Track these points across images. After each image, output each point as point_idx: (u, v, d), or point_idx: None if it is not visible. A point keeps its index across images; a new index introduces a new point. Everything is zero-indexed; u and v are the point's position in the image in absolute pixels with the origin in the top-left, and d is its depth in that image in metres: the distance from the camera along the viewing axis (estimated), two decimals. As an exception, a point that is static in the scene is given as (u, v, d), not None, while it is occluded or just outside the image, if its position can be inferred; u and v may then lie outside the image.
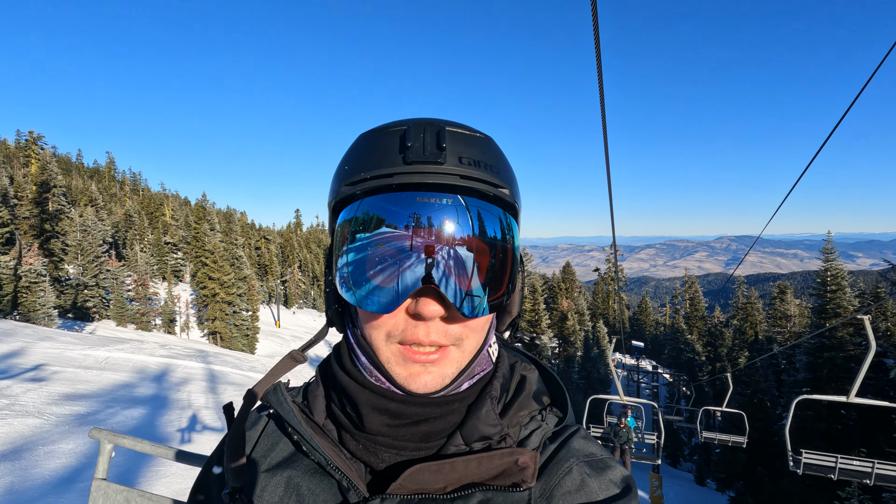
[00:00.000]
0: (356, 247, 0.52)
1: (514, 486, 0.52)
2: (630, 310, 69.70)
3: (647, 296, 70.63)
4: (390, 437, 0.57)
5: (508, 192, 0.55)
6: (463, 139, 0.54)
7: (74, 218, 34.22)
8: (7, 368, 12.31)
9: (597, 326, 46.97)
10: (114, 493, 1.65)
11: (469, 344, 0.55)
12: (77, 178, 70.57)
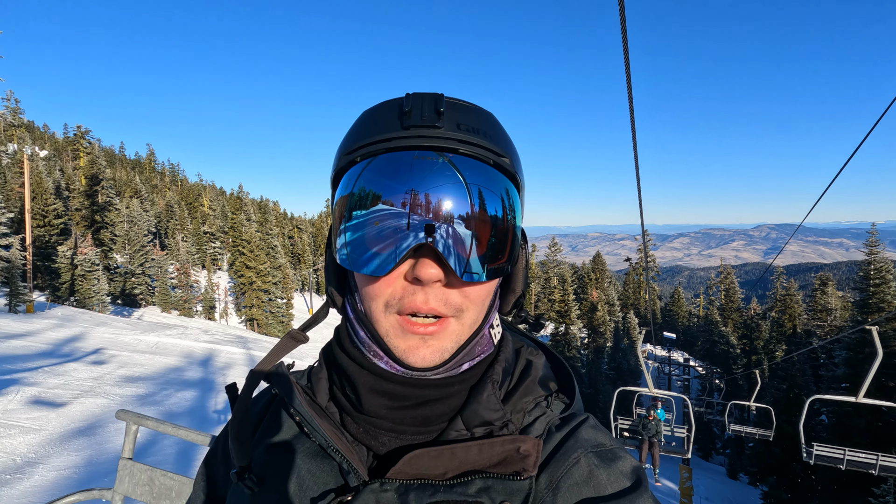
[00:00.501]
0: (354, 213, 0.52)
1: (515, 474, 0.52)
2: (662, 300, 68.29)
3: (680, 286, 69.09)
4: (390, 421, 0.57)
5: (509, 161, 0.55)
6: (462, 108, 0.54)
7: (121, 209, 36.05)
8: (71, 352, 13.37)
9: (627, 317, 46.46)
10: (138, 473, 1.70)
11: (468, 316, 0.54)
12: (120, 169, 73.84)
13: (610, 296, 47.78)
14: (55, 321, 17.85)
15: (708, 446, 33.33)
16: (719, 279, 52.97)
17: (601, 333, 38.02)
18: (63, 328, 16.68)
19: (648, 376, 11.96)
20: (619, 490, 0.52)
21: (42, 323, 16.99)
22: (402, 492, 0.51)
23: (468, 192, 0.50)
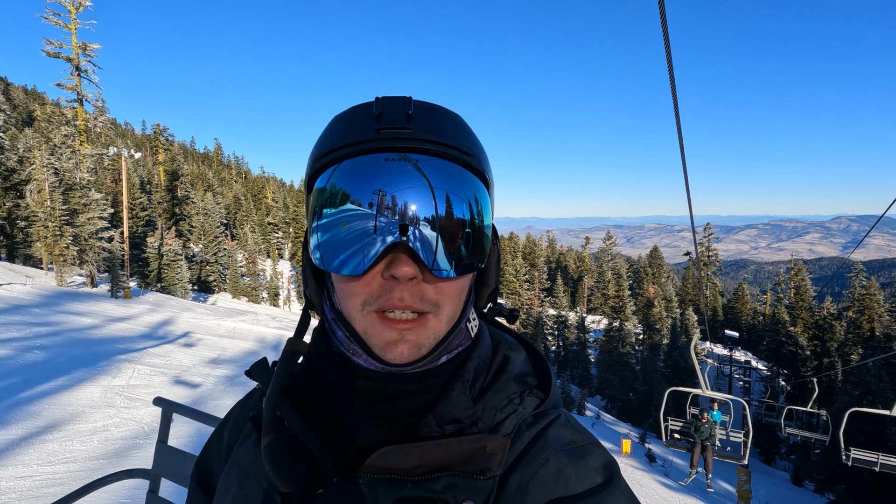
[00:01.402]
0: (329, 213, 0.53)
1: (479, 473, 0.53)
2: (724, 297, 65.05)
3: (744, 282, 65.44)
4: (367, 416, 0.58)
5: (478, 160, 0.56)
6: (431, 111, 0.56)
7: (197, 202, 39.02)
8: (165, 335, 14.99)
9: (686, 314, 44.81)
10: (172, 456, 1.79)
11: (445, 312, 0.55)
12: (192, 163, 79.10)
13: (667, 291, 46.28)
14: (149, 306, 19.92)
15: (771, 451, 31.95)
16: (789, 275, 49.79)
17: (657, 330, 37.07)
18: (156, 313, 18.63)
19: (702, 377, 11.59)
20: (590, 487, 0.52)
21: (139, 308, 19.04)
22: (372, 486, 0.53)
23: (437, 192, 0.52)
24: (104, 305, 17.82)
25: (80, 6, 20.15)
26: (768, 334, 44.89)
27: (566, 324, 42.32)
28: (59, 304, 15.65)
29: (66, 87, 20.64)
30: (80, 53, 20.27)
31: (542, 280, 56.80)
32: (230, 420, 0.75)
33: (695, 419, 11.79)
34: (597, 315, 54.41)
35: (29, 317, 12.54)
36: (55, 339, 10.67)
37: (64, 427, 6.33)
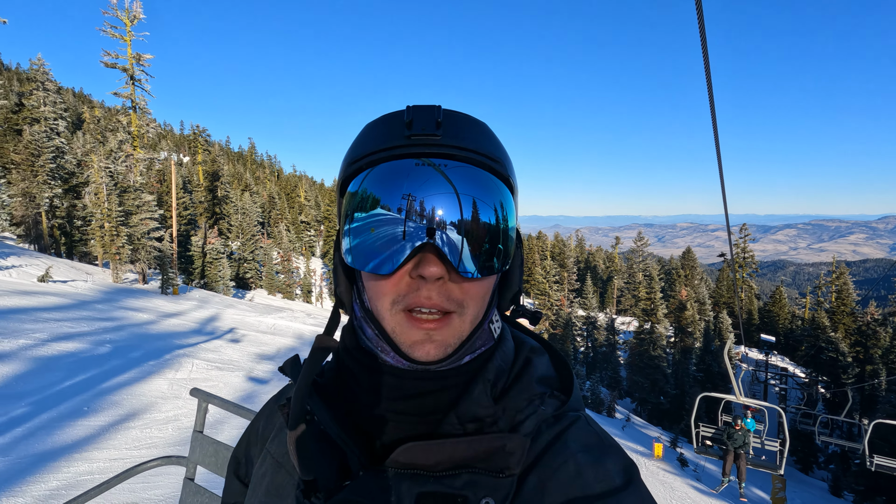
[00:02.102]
0: (360, 216, 0.56)
1: (499, 471, 0.54)
2: (760, 299, 63.05)
3: (782, 284, 63.27)
4: (392, 412, 0.60)
5: (503, 166, 0.59)
6: (459, 118, 0.58)
7: (236, 202, 40.55)
8: (213, 330, 15.87)
9: (719, 317, 43.81)
10: (207, 444, 1.85)
11: (470, 312, 0.57)
12: (227, 162, 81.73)
13: (700, 294, 45.35)
14: (196, 302, 21.02)
15: (809, 460, 31.10)
16: (831, 278, 47.93)
17: (689, 333, 36.46)
18: (203, 309, 19.66)
19: (736, 383, 11.24)
20: (608, 489, 0.53)
21: (187, 304, 20.12)
22: (396, 480, 0.55)
23: (465, 196, 0.54)
24: (156, 301, 18.95)
25: (134, 19, 21.44)
26: (807, 339, 43.45)
27: (595, 325, 42.06)
28: (117, 299, 16.77)
29: (122, 95, 21.99)
30: (134, 63, 21.58)
31: (571, 281, 56.46)
32: (265, 413, 0.79)
33: (727, 426, 11.45)
34: (627, 317, 53.75)
35: (94, 312, 13.55)
36: (120, 334, 11.56)
37: (142, 416, 7.01)
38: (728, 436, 11.16)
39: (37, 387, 7.06)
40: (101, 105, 53.47)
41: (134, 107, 22.16)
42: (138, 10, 21.51)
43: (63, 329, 10.40)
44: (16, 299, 12.22)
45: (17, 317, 10.50)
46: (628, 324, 49.45)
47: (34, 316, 10.97)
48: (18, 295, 12.87)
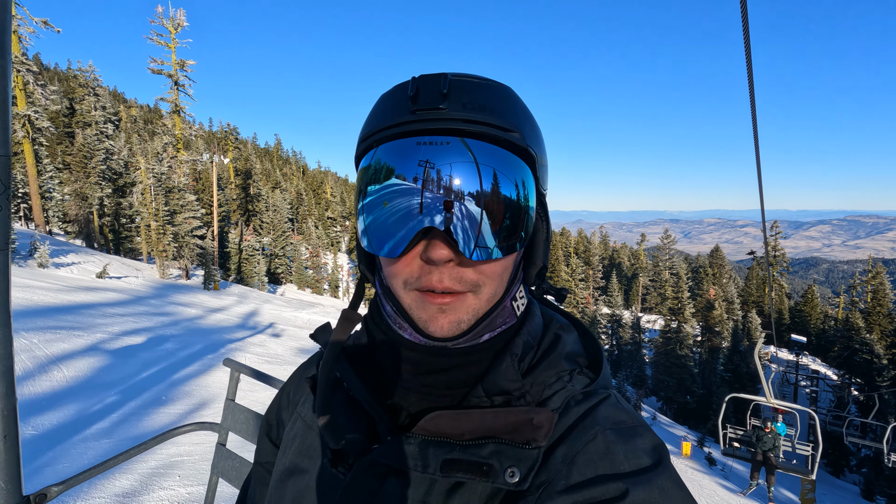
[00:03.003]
0: (368, 197, 0.55)
1: (525, 443, 0.53)
2: (791, 299, 61.61)
3: (814, 283, 61.64)
4: (417, 384, 0.61)
5: (519, 135, 0.55)
6: (469, 86, 0.54)
7: (268, 199, 41.81)
8: (255, 325, 16.73)
9: (748, 316, 43.14)
10: (238, 412, 1.91)
11: (486, 291, 0.56)
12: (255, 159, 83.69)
13: (729, 293, 44.70)
14: (236, 298, 22.03)
15: (840, 463, 30.62)
16: (866, 277, 46.53)
17: (717, 333, 36.10)
18: (243, 304, 20.64)
19: (766, 384, 10.99)
20: (637, 468, 0.52)
21: (228, 299, 21.14)
22: (423, 446, 0.56)
23: (473, 173, 0.51)
24: (201, 297, 19.98)
25: (178, 26, 22.49)
26: (840, 340, 42.41)
27: (620, 323, 41.97)
28: (167, 295, 17.80)
29: (167, 100, 23.15)
30: (178, 69, 22.68)
31: (596, 278, 56.27)
32: (295, 380, 0.82)
33: (756, 429, 11.11)
34: (652, 315, 53.33)
35: (149, 308, 14.52)
36: (177, 329, 12.43)
37: (211, 405, 7.72)
38: (757, 438, 10.89)
39: (119, 377, 7.85)
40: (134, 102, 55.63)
41: (178, 111, 23.31)
42: (182, 18, 22.57)
43: (129, 324, 11.29)
44: (82, 295, 13.23)
45: (88, 312, 11.43)
46: (654, 322, 49.11)
47: (101, 311, 11.91)
48: (84, 291, 13.90)
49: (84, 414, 6.27)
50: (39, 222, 22.75)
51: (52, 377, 7.05)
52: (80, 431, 5.80)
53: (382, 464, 0.56)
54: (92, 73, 25.11)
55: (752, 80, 3.08)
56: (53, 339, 8.58)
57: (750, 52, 2.71)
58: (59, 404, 6.31)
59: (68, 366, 7.62)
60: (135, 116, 43.38)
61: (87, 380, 7.35)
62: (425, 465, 0.54)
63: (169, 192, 22.73)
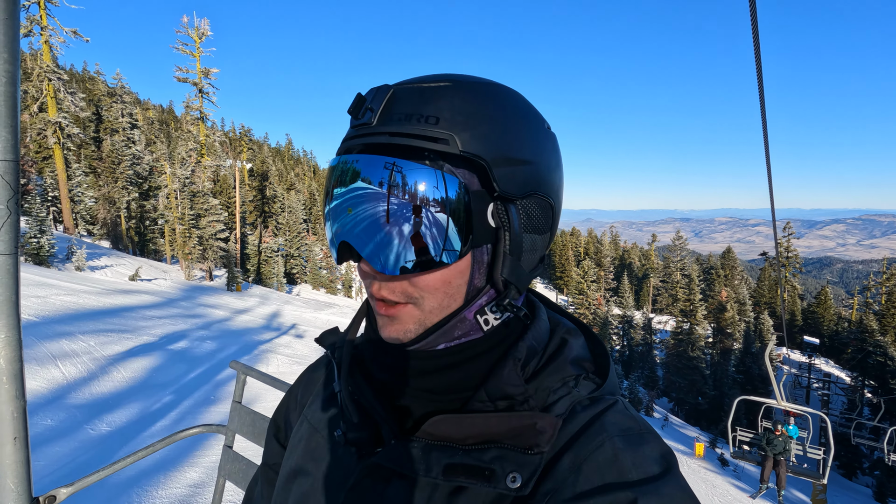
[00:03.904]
0: (324, 209, 0.58)
1: (528, 448, 0.53)
2: (804, 300, 61.27)
3: (828, 283, 61.23)
4: (404, 386, 0.61)
5: (451, 142, 0.51)
6: (410, 94, 0.53)
7: (283, 201, 42.60)
8: (279, 326, 17.33)
9: (760, 318, 43.13)
10: (245, 414, 1.90)
11: (427, 304, 0.55)
12: (275, 163, 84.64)
13: (741, 294, 44.76)
14: (258, 299, 22.71)
15: (853, 465, 30.70)
16: (881, 279, 46.23)
17: (729, 334, 36.24)
18: (266, 305, 21.30)
19: (777, 387, 10.89)
20: (645, 476, 0.50)
21: (251, 301, 21.81)
22: (426, 450, 0.56)
23: (385, 187, 0.51)
24: (225, 298, 20.67)
25: (203, 35, 23.24)
26: (853, 343, 42.28)
27: (632, 323, 42.21)
28: (195, 297, 18.49)
29: (193, 107, 23.92)
30: (202, 77, 23.43)
31: (608, 280, 56.46)
32: (302, 382, 0.82)
33: (767, 432, 10.99)
34: (663, 315, 53.44)
35: (182, 310, 15.17)
36: (210, 331, 13.05)
37: (255, 405, 8.26)
38: (767, 441, 10.77)
39: (170, 378, 8.45)
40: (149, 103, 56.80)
41: (202, 117, 24.09)
42: (206, 27, 23.32)
43: (168, 327, 11.93)
44: (120, 298, 13.92)
45: (129, 314, 12.09)
46: (665, 323, 49.25)
47: (141, 314, 12.57)
48: (121, 294, 14.60)
49: (147, 412, 6.86)
50: (69, 225, 23.61)
51: (112, 378, 7.66)
52: (146, 428, 6.38)
53: (386, 467, 0.57)
54: (119, 80, 26.04)
55: (760, 78, 2.93)
56: (107, 341, 9.21)
57: (758, 45, 2.60)
58: (124, 403, 6.90)
59: (124, 367, 8.23)
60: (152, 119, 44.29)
61: (143, 380, 7.95)
62: (428, 469, 0.55)
63: (193, 196, 23.50)
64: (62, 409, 6.18)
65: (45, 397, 6.38)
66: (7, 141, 0.73)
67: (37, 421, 5.75)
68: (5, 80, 0.70)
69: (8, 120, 0.72)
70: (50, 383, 6.80)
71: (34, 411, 5.93)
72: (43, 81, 22.14)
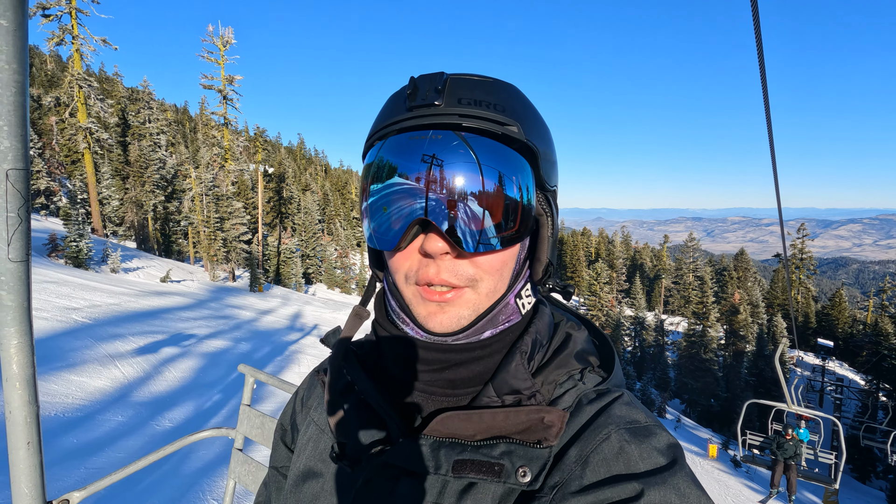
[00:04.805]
0: (371, 191, 0.56)
1: (537, 442, 0.54)
2: (818, 301, 60.77)
3: (843, 286, 60.51)
4: (421, 382, 0.61)
5: (517, 129, 0.54)
6: (467, 83, 0.55)
7: (300, 202, 43.37)
8: (302, 327, 17.93)
9: (774, 320, 43.05)
10: (253, 417, 1.90)
11: (484, 286, 0.56)
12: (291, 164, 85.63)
13: (754, 296, 44.65)
14: (280, 300, 23.38)
15: (866, 468, 30.68)
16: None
17: (742, 337, 36.29)
18: (287, 306, 21.95)
19: (788, 391, 10.75)
20: (653, 468, 0.51)
21: (273, 301, 22.48)
22: (434, 447, 0.56)
23: (468, 165, 0.52)
24: (249, 299, 21.37)
25: (227, 43, 24.01)
26: (868, 346, 41.99)
27: (643, 325, 42.38)
28: (221, 298, 19.19)
29: (217, 113, 24.72)
30: (226, 84, 24.18)
31: (619, 281, 56.56)
32: (307, 384, 0.82)
33: (777, 435, 10.78)
34: (675, 317, 53.45)
35: (212, 311, 15.84)
36: (242, 332, 13.68)
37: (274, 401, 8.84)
38: (778, 445, 10.54)
39: (215, 378, 9.04)
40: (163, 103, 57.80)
41: (226, 123, 24.86)
42: (230, 35, 24.07)
43: (204, 329, 12.56)
44: (156, 300, 14.61)
45: (167, 316, 12.75)
46: (677, 324, 49.29)
47: (177, 315, 13.22)
48: (156, 296, 15.30)
49: (201, 410, 7.45)
50: (98, 227, 24.48)
51: (166, 378, 8.27)
52: (203, 425, 6.96)
53: (395, 465, 0.58)
54: (146, 87, 26.92)
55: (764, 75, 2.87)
56: (154, 343, 9.84)
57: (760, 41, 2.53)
58: (180, 401, 7.50)
59: (174, 368, 8.84)
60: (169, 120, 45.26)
61: (192, 381, 8.55)
62: (437, 465, 0.55)
63: (218, 199, 24.27)
64: (129, 407, 6.78)
65: (113, 395, 6.99)
66: (17, 150, 0.73)
67: (110, 417, 6.36)
68: (15, 89, 0.70)
69: (18, 129, 0.72)
70: (114, 383, 7.42)
71: (106, 408, 6.55)
72: (74, 88, 23.01)
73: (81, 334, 8.99)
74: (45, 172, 24.77)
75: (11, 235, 0.76)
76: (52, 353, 7.77)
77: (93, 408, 6.42)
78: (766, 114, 3.60)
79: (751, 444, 12.51)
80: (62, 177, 28.56)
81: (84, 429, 5.82)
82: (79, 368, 7.50)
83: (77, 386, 6.91)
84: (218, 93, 24.40)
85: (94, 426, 5.94)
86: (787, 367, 36.37)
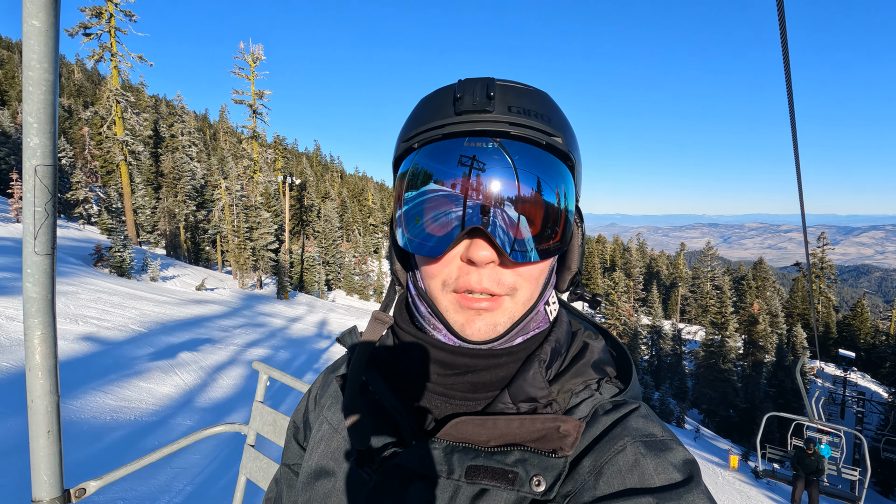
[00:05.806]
0: (411, 196, 0.56)
1: (552, 451, 0.53)
2: (839, 311, 59.77)
3: (865, 295, 59.52)
4: (441, 386, 0.61)
5: (562, 140, 0.56)
6: (514, 91, 0.55)
7: (320, 209, 44.32)
8: (329, 334, 18.48)
9: (793, 330, 42.65)
10: (266, 414, 1.93)
11: (523, 294, 0.57)
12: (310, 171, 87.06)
13: (773, 306, 44.26)
14: (306, 307, 24.08)
15: (889, 481, 30.29)
16: (921, 292, 45.02)
17: (761, 347, 36.07)
18: (313, 314, 22.64)
19: (810, 404, 10.45)
20: (668, 483, 0.50)
21: (300, 308, 23.18)
22: (447, 451, 0.55)
23: (518, 175, 0.52)
24: (277, 306, 22.09)
25: (257, 60, 25.02)
26: (891, 357, 41.36)
27: (661, 334, 42.33)
28: (252, 305, 19.93)
29: (247, 127, 25.74)
30: (256, 99, 25.16)
31: (637, 290, 56.47)
32: (321, 382, 0.82)
33: (798, 450, 10.31)
34: (692, 326, 53.15)
35: (246, 318, 16.54)
36: (277, 340, 14.32)
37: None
38: (798, 460, 10.08)
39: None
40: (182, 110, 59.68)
41: (255, 136, 25.84)
42: (260, 52, 25.10)
43: (243, 337, 13.22)
44: (195, 308, 15.35)
45: (208, 324, 13.45)
46: (694, 333, 49.04)
47: (217, 324, 13.92)
48: (195, 304, 16.06)
49: (256, 416, 8.03)
50: (132, 235, 25.52)
51: (221, 385, 8.89)
52: (260, 430, 7.54)
53: (407, 468, 0.57)
54: (180, 102, 28.11)
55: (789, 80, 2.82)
56: (204, 350, 10.50)
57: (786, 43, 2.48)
58: (237, 407, 8.08)
59: (226, 375, 9.47)
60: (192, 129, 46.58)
61: (244, 388, 9.15)
62: (450, 470, 0.55)
63: (246, 209, 25.19)
64: (194, 412, 7.39)
65: (179, 401, 7.61)
66: (46, 147, 0.73)
67: (181, 421, 6.96)
68: (45, 88, 0.70)
69: (47, 126, 0.72)
70: (178, 389, 8.05)
71: (175, 412, 7.16)
72: (112, 103, 24.14)
73: (141, 343, 9.68)
74: (83, 184, 25.89)
75: (38, 229, 0.77)
76: (120, 361, 8.45)
77: (164, 412, 7.04)
78: (791, 121, 3.47)
79: (770, 457, 12.28)
80: (95, 185, 29.81)
81: (161, 432, 6.43)
82: (146, 375, 8.15)
83: (147, 392, 7.55)
84: (248, 107, 25.45)
85: (169, 430, 6.54)
86: (808, 377, 36.03)
